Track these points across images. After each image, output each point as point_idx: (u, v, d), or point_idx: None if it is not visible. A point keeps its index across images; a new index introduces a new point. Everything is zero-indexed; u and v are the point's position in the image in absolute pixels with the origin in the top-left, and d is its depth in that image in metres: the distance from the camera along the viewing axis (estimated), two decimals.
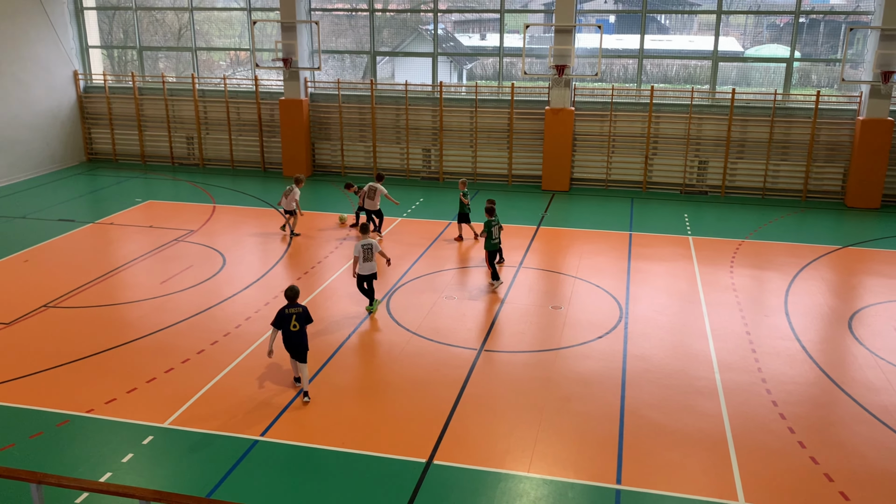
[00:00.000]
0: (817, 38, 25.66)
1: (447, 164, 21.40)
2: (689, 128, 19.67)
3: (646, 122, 19.88)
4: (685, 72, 26.60)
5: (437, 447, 8.41)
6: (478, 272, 13.99)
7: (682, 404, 9.42)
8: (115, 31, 24.32)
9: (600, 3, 28.98)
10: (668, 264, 14.47)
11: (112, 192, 19.84)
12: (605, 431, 8.80)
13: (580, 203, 19.11)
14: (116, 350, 10.76)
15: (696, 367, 10.39)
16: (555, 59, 19.41)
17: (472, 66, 28.21)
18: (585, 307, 12.43)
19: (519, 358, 10.64)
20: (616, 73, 25.66)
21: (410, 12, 22.73)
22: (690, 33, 29.85)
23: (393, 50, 23.08)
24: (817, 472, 8.05)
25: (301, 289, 12.97)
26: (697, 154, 19.90)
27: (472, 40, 30.82)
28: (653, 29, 27.76)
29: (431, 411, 9.17)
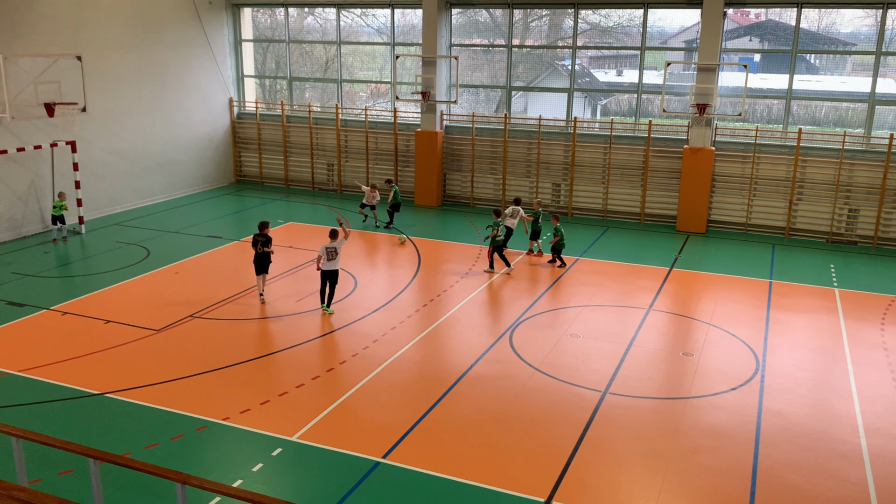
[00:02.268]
0: None
1: (577, 199, 21.22)
2: (839, 173, 18.54)
3: (791, 166, 18.92)
4: (835, 114, 25.15)
5: (556, 487, 8.26)
6: (606, 311, 13.71)
7: (823, 468, 8.78)
8: (269, 61, 25.98)
9: (745, 41, 28.02)
10: (810, 317, 13.62)
11: (257, 213, 21.05)
12: (736, 489, 8.33)
13: (717, 246, 18.38)
14: (253, 362, 11.33)
15: (839, 430, 9.67)
16: (696, 97, 18.92)
17: (606, 102, 27.96)
18: (719, 356, 11.89)
19: (645, 404, 10.30)
20: (759, 113, 24.64)
21: (547, 48, 22.89)
22: (843, 74, 28.25)
23: (527, 85, 23.28)
24: None
25: (426, 315, 13.21)
26: (847, 201, 18.70)
27: (608, 76, 30.55)
28: (801, 69, 26.50)
29: (552, 450, 9.03)
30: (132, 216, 20.30)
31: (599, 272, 16.03)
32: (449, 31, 22.07)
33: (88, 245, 17.61)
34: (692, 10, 20.45)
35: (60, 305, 13.58)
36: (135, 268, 15.81)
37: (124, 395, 10.24)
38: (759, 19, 23.45)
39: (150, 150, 21.82)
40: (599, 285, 15.18)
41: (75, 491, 7.92)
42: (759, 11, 22.08)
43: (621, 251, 17.72)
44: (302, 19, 25.40)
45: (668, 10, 20.89)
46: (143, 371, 10.98)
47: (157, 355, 11.54)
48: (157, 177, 22.15)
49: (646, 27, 20.39)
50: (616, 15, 21.90)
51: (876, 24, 18.60)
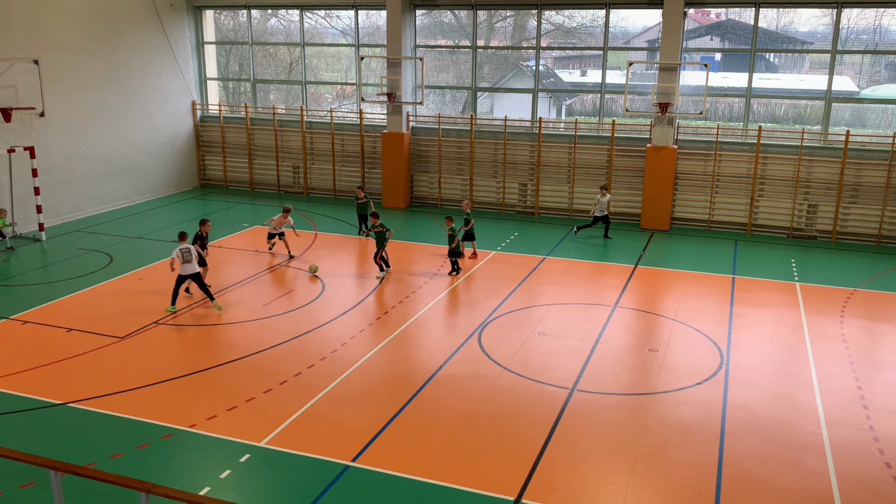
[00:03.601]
0: None
1: (543, 198, 21.36)
2: (798, 170, 18.93)
3: (752, 163, 19.27)
4: (794, 111, 25.66)
5: (525, 486, 8.31)
6: (573, 309, 13.83)
7: (786, 459, 8.95)
8: (232, 64, 25.73)
9: (706, 40, 28.44)
10: (772, 311, 13.88)
11: (221, 217, 20.83)
12: (702, 482, 8.46)
13: (680, 243, 18.64)
14: (219, 368, 11.22)
15: (801, 421, 9.87)
16: (658, 96, 19.16)
17: (571, 102, 28.18)
18: (684, 351, 12.06)
19: (613, 400, 10.41)
20: (721, 111, 25.04)
21: (512, 49, 23.01)
22: (801, 72, 28.83)
23: (493, 86, 23.37)
24: None
25: (395, 317, 13.20)
26: (807, 197, 19.09)
27: (573, 76, 30.80)
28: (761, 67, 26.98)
29: (521, 448, 9.08)
30: (94, 222, 19.95)
31: (566, 271, 16.15)
32: (414, 32, 22.07)
33: (49, 252, 17.26)
34: (654, 11, 20.71)
35: (21, 314, 13.29)
36: (97, 274, 15.54)
37: (88, 405, 10.06)
38: (719, 19, 23.84)
39: (111, 155, 21.47)
40: (566, 283, 15.29)
41: (38, 503, 7.77)
42: (719, 11, 22.46)
43: (587, 250, 17.88)
44: (265, 21, 25.19)
45: (631, 10, 21.14)
46: (108, 379, 10.79)
47: (122, 363, 11.36)
48: (119, 182, 21.80)
49: (608, 27, 20.60)
50: (579, 15, 22.09)
51: (832, 22, 19.02)
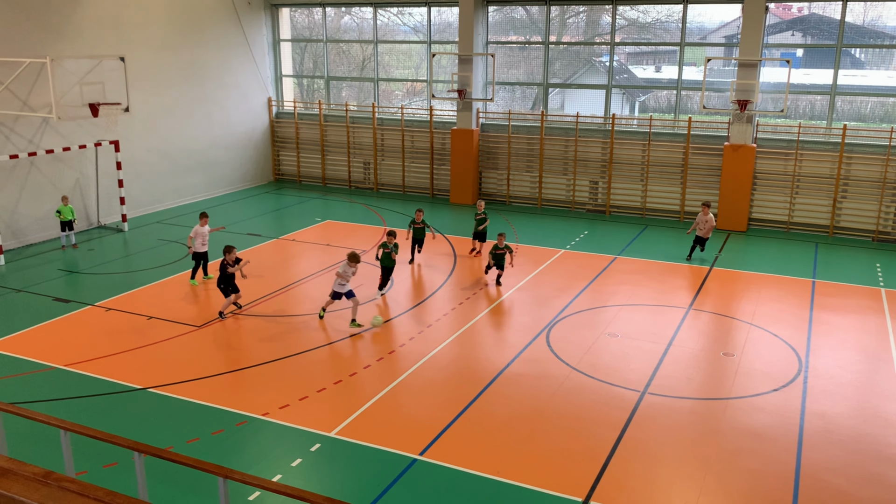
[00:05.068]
0: None
1: (615, 197, 21.03)
2: (885, 170, 18.08)
3: (836, 163, 18.51)
4: (882, 110, 24.50)
5: (594, 487, 8.20)
6: (645, 311, 13.57)
7: (869, 472, 8.58)
8: (306, 61, 26.22)
9: (787, 36, 27.43)
10: (855, 317, 13.31)
11: (295, 211, 21.27)
12: (778, 492, 8.19)
13: (758, 245, 18.06)
14: (292, 359, 11.46)
15: (885, 433, 9.44)
16: (737, 93, 18.60)
17: (645, 99, 27.62)
18: (760, 356, 11.69)
19: (685, 405, 10.17)
20: (802, 109, 24.12)
21: (584, 45, 22.71)
22: (890, 69, 27.49)
23: (565, 82, 23.13)
24: None
25: (462, 313, 13.21)
26: (894, 199, 18.22)
27: (647, 72, 30.15)
28: (846, 63, 25.89)
29: (590, 450, 8.97)
30: (173, 214, 20.66)
31: (638, 271, 15.86)
32: (485, 28, 22.03)
33: (131, 243, 17.97)
34: (733, 5, 20.12)
35: (104, 302, 13.88)
36: (176, 265, 16.09)
37: (166, 391, 10.44)
38: (801, 13, 22.98)
39: (190, 150, 22.18)
40: (638, 284, 15.02)
41: (120, 483, 8.10)
42: (801, 5, 21.65)
43: (661, 250, 17.51)
44: (339, 19, 25.57)
45: (708, 5, 20.58)
46: (185, 366, 11.17)
47: (198, 351, 11.73)
48: (197, 176, 22.51)
49: (685, 22, 20.11)
50: (655, 10, 21.64)
51: None
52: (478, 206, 16.93)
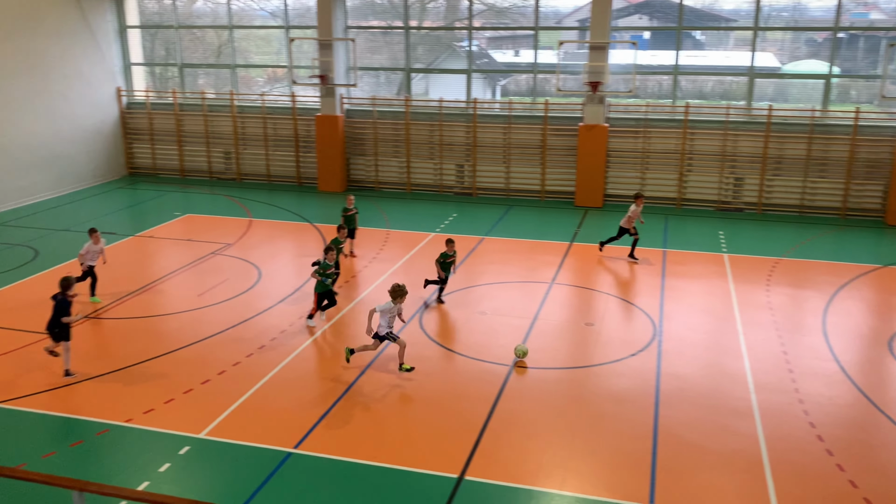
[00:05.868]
0: (856, 54, 25.26)
1: (480, 179, 21.47)
2: (724, 144, 19.50)
3: (680, 139, 19.76)
4: (721, 88, 26.39)
5: (468, 463, 8.43)
6: (512, 287, 14.00)
7: (718, 424, 9.31)
8: (157, 48, 24.94)
9: (635, 19, 28.92)
10: (702, 282, 14.33)
11: (152, 206, 20.28)
12: (639, 450, 8.73)
13: (614, 219, 18.94)
14: (155, 361, 10.97)
15: (731, 387, 10.26)
16: (589, 75, 19.43)
17: (505, 83, 28.30)
18: (619, 324, 12.37)
19: (551, 374, 10.61)
20: (650, 89, 25.55)
21: (445, 29, 22.95)
22: (726, 49, 29.60)
23: (427, 66, 23.30)
24: (856, 497, 7.89)
25: (339, 299, 13.12)
26: (733, 171, 19.71)
27: (506, 57, 30.86)
28: (688, 45, 27.56)
29: (463, 427, 9.19)
30: (17, 215, 19.16)
31: (504, 250, 16.32)
32: (344, 12, 21.77)
33: None
34: None
35: None
36: (22, 269, 14.96)
37: (17, 404, 9.73)
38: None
39: (32, 145, 20.59)
40: (505, 262, 15.46)
41: None
42: None
43: (525, 228, 18.10)
44: (191, 4, 24.46)
45: None
46: (37, 377, 10.44)
47: (51, 359, 10.99)
48: (42, 173, 20.95)
49: (538, 7, 20.71)
50: None
51: (754, 0, 19.53)
52: (347, 200, 16.06)
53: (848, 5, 20.30)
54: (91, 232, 13.29)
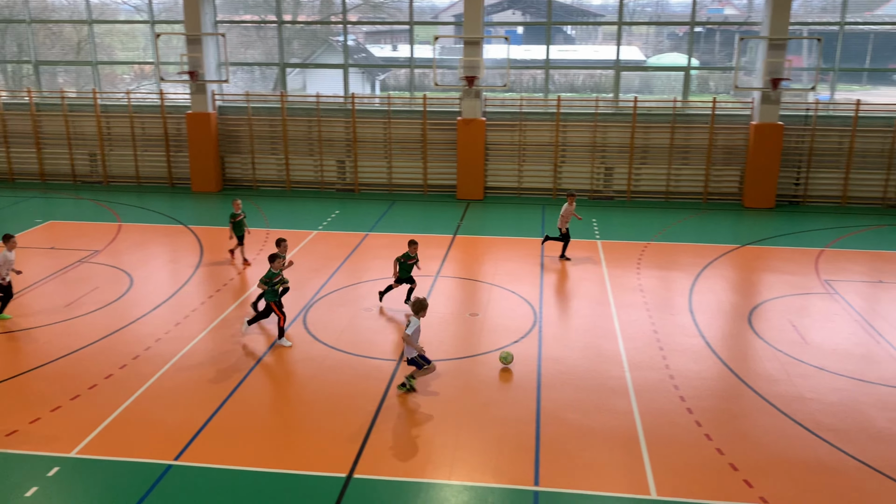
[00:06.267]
0: (714, 47, 26.95)
1: (362, 175, 21.36)
2: (594, 135, 20.31)
3: (553, 131, 20.40)
4: (591, 81, 27.44)
5: (357, 461, 8.39)
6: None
7: (596, 404, 9.71)
8: (9, 44, 23.21)
9: (508, 14, 29.57)
10: (578, 268, 14.88)
11: (9, 214, 18.89)
12: (523, 434, 8.97)
13: (494, 211, 19.43)
14: (18, 379, 10.25)
15: (608, 367, 10.73)
16: (464, 70, 19.70)
17: (384, 77, 28.25)
18: (502, 313, 12.66)
19: (439, 366, 10.70)
20: (526, 83, 26.24)
21: (320, 24, 22.63)
22: (595, 43, 30.82)
23: (303, 62, 22.92)
24: (723, 463, 8.45)
25: (212, 308, 12.70)
26: (604, 161, 20.56)
27: (384, 51, 30.81)
28: (559, 40, 28.51)
29: (351, 425, 9.14)
30: None
31: (389, 245, 16.33)
32: (213, 7, 21.04)
33: None
34: None
35: None
36: None
37: None
38: None
39: None
40: (390, 258, 15.42)
41: None
42: None
43: (408, 223, 18.17)
44: None
45: None
46: None
47: None
48: None
49: (413, 2, 20.78)
50: None
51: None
52: (235, 205, 14.85)
53: (704, 1, 21.58)
54: (6, 239, 12.08)
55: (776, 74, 18.78)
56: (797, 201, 20.10)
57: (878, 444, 8.77)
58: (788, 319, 12.40)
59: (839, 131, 19.60)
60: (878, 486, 8.04)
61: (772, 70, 18.80)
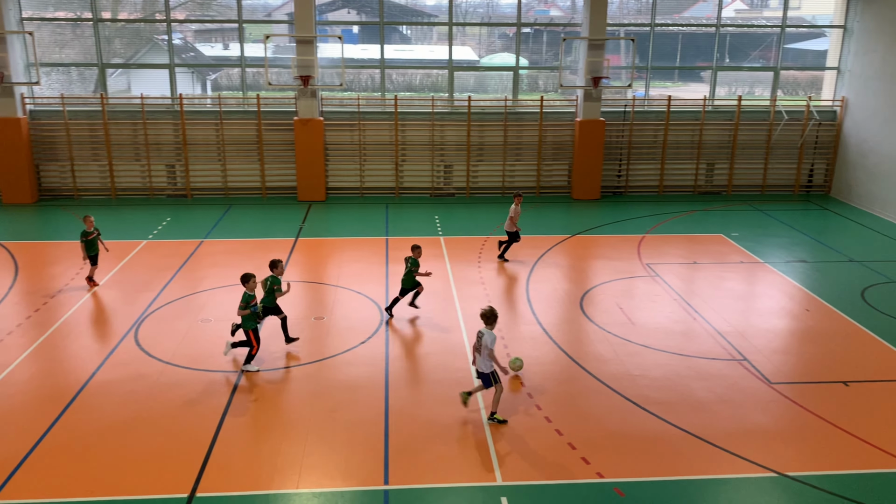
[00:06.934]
0: (542, 47, 28.24)
1: (195, 179, 20.45)
2: (432, 134, 20.66)
3: (393, 130, 20.55)
4: (429, 80, 27.91)
5: (199, 479, 8.04)
6: (237, 291, 13.54)
7: (444, 397, 9.90)
8: None
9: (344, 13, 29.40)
10: (423, 265, 15.04)
11: None
12: (372, 435, 8.99)
13: (337, 212, 19.28)
14: None
15: (453, 361, 10.97)
16: (299, 69, 19.37)
17: (216, 77, 27.21)
18: (348, 315, 12.59)
19: (283, 374, 10.50)
20: (364, 82, 26.22)
21: (143, 22, 21.40)
22: (431, 43, 31.36)
23: (126, 62, 21.58)
24: (562, 443, 8.90)
25: (31, 327, 11.74)
26: (443, 159, 20.98)
27: (215, 50, 29.67)
28: (395, 39, 28.73)
29: (192, 442, 8.75)
30: None
31: (227, 251, 15.77)
32: (17, 2, 19.29)
33: None
34: None
35: None
36: None
37: None
38: None
39: None
40: (227, 265, 14.92)
41: None
42: None
43: (247, 228, 17.64)
44: None
45: None
46: None
47: None
48: None
49: (241, 0, 20.14)
50: None
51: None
52: (87, 222, 13.58)
53: (531, 3, 22.53)
54: None
55: (597, 73, 19.98)
56: (620, 192, 21.52)
57: (698, 413, 9.59)
58: (616, 302, 13.26)
59: (654, 125, 21.18)
60: (698, 449, 8.79)
61: (592, 69, 19.98)
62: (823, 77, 22.33)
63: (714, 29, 21.55)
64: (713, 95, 21.69)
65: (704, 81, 23.06)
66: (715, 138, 21.37)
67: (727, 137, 21.35)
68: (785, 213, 19.57)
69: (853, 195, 20.69)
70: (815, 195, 21.73)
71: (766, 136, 21.38)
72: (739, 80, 28.10)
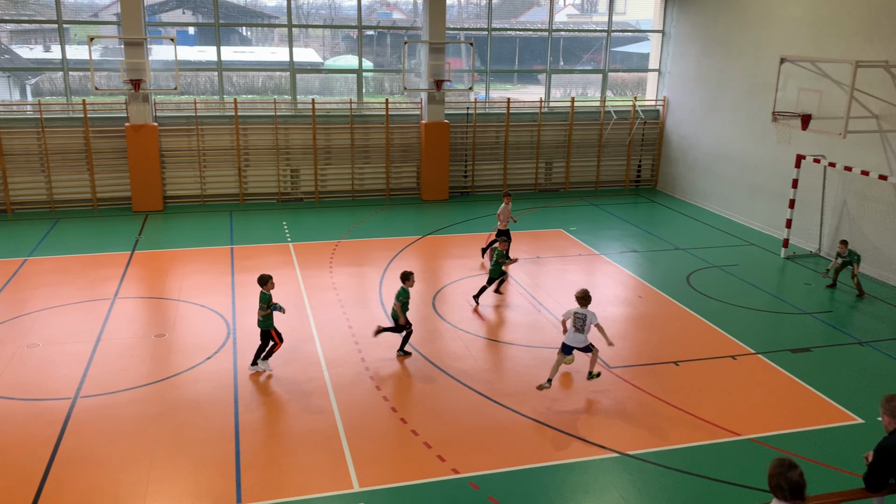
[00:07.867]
0: (386, 50, 28.40)
1: (14, 193, 18.78)
2: (276, 138, 20.20)
3: (234, 135, 19.88)
4: (272, 83, 27.27)
5: None
6: (68, 311, 12.59)
7: (296, 408, 9.71)
8: None
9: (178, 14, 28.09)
10: (272, 273, 14.67)
11: None
12: (223, 453, 8.66)
13: (177, 222, 18.39)
14: None
15: (306, 370, 10.78)
16: (128, 73, 18.29)
17: (37, 81, 25.28)
18: (191, 330, 12.05)
19: (123, 397, 9.88)
20: (203, 85, 25.21)
21: None
22: (272, 45, 30.67)
23: None
24: (418, 443, 8.99)
25: None
26: (289, 163, 20.56)
27: (35, 52, 27.61)
28: (234, 41, 27.83)
29: (19, 480, 8.03)
30: None
31: (55, 270, 14.62)
32: None
33: None
34: None
35: None
36: None
37: None
38: None
39: None
40: (56, 284, 13.84)
41: None
42: None
43: (77, 243, 16.43)
44: None
45: None
46: None
47: None
48: None
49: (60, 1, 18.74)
50: None
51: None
52: None
53: (374, 5, 22.57)
54: None
55: (439, 76, 20.34)
56: (467, 192, 22.05)
57: (546, 401, 10.00)
58: (466, 300, 13.57)
59: (496, 127, 21.87)
60: (547, 437, 9.17)
61: (434, 72, 20.31)
62: (647, 78, 23.98)
63: (547, 33, 22.56)
64: (549, 97, 22.71)
65: (541, 84, 24.09)
66: (552, 138, 22.38)
67: (563, 137, 22.43)
68: (617, 207, 20.86)
69: (677, 188, 22.39)
70: (644, 189, 23.32)
71: (598, 134, 22.68)
72: (573, 83, 29.67)
